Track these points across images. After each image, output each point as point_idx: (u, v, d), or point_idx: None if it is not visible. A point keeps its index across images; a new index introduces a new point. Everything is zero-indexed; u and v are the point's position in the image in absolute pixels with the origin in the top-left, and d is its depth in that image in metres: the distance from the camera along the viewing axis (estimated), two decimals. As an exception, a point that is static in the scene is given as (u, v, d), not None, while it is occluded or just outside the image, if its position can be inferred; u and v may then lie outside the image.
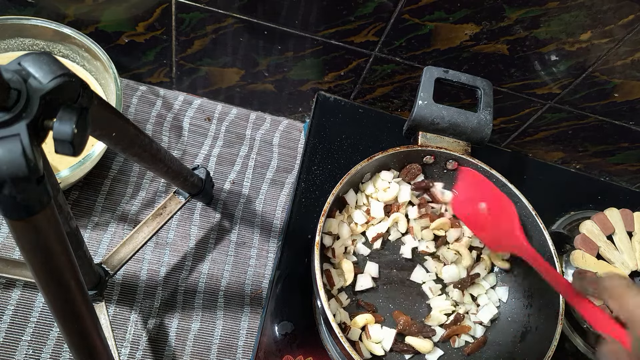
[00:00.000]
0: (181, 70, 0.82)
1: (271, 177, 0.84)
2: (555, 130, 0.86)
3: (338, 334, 0.55)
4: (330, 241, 0.67)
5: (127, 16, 0.72)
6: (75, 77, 0.32)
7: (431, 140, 0.70)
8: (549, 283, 0.55)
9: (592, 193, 0.89)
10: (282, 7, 0.68)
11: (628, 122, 0.81)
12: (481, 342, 0.68)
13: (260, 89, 0.84)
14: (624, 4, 0.63)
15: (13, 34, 0.70)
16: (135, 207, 0.76)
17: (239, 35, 0.74)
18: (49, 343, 0.65)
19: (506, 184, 0.69)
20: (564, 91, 0.77)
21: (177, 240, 0.75)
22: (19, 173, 0.29)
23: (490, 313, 0.69)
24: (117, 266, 0.62)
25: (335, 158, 0.80)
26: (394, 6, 0.67)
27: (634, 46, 0.68)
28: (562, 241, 0.78)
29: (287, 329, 0.66)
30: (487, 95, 0.70)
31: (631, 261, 0.76)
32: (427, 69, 0.69)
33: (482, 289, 0.71)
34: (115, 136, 0.42)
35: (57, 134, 0.31)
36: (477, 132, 0.70)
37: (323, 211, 0.61)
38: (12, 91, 0.29)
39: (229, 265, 0.76)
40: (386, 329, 0.65)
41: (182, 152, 0.82)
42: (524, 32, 0.69)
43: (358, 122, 0.84)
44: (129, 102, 0.83)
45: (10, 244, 0.69)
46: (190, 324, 0.71)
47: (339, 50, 0.75)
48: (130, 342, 0.68)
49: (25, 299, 0.66)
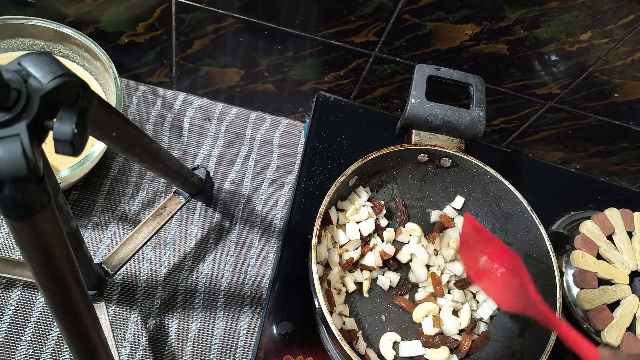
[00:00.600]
0: (181, 70, 0.82)
1: (271, 177, 0.84)
2: (555, 130, 0.86)
3: (337, 336, 0.55)
4: (321, 271, 0.65)
5: (127, 16, 0.72)
6: (75, 77, 0.32)
7: (425, 139, 0.70)
8: (571, 348, 0.52)
9: (592, 193, 0.89)
10: (282, 7, 0.68)
11: (628, 122, 0.81)
12: (484, 337, 0.68)
13: (260, 89, 0.84)
14: (624, 4, 0.63)
15: (13, 34, 0.70)
16: (135, 207, 0.76)
17: (239, 35, 0.74)
18: (49, 343, 0.65)
19: (501, 180, 0.69)
20: (564, 91, 0.77)
21: (177, 240, 0.75)
22: (19, 173, 0.29)
23: (490, 309, 0.69)
24: (117, 266, 0.62)
25: (335, 158, 0.80)
26: (394, 6, 0.67)
27: (634, 46, 0.68)
28: (562, 241, 0.78)
29: (287, 329, 0.66)
30: (480, 92, 0.70)
31: (631, 261, 0.76)
32: (418, 67, 0.69)
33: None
34: (115, 136, 0.42)
35: (57, 134, 0.30)
36: (471, 129, 0.70)
37: (319, 214, 0.61)
38: (12, 91, 0.29)
39: (229, 265, 0.76)
40: (410, 342, 0.67)
41: (182, 152, 0.82)
42: (524, 32, 0.69)
43: (358, 122, 0.84)
44: (129, 102, 0.83)
45: (10, 244, 0.69)
46: (190, 324, 0.71)
47: (339, 50, 0.75)
48: (130, 342, 0.68)
49: (25, 299, 0.67)
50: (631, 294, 0.74)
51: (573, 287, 0.74)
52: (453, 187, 0.74)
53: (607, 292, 0.73)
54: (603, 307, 0.72)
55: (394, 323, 0.68)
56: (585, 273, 0.73)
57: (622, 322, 0.72)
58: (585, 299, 0.72)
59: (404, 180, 0.74)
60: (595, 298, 0.72)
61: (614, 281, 0.74)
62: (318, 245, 0.62)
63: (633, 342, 0.71)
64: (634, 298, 0.74)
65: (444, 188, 0.75)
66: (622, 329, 0.71)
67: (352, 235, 0.68)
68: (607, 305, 0.72)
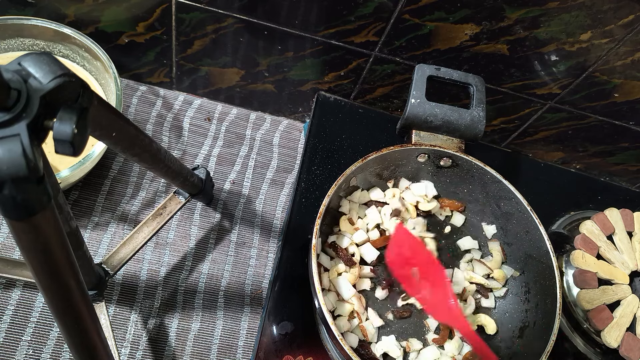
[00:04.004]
0: (181, 70, 0.82)
1: (271, 177, 0.84)
2: (555, 130, 0.86)
3: (337, 336, 0.55)
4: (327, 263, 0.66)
5: (127, 16, 0.72)
6: (75, 77, 0.32)
7: (425, 139, 0.70)
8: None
9: (592, 193, 0.89)
10: (282, 7, 0.68)
11: (628, 122, 0.81)
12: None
13: (260, 89, 0.84)
14: (624, 4, 0.63)
15: (13, 34, 0.70)
16: (135, 207, 0.76)
17: (239, 35, 0.74)
18: (49, 343, 0.65)
19: (501, 180, 0.69)
20: (564, 91, 0.77)
21: (177, 240, 0.75)
22: (19, 173, 0.29)
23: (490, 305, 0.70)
24: (117, 266, 0.62)
25: (335, 158, 0.80)
26: (394, 6, 0.67)
27: (634, 46, 0.68)
28: (562, 241, 0.78)
29: (287, 329, 0.66)
30: (480, 92, 0.70)
31: (631, 261, 0.76)
32: (418, 67, 0.69)
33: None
34: (115, 136, 0.42)
35: (57, 134, 0.30)
36: (471, 129, 0.70)
37: (319, 213, 0.61)
38: (12, 91, 0.29)
39: (229, 265, 0.76)
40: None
41: (182, 152, 0.82)
42: (524, 32, 0.69)
43: (358, 122, 0.84)
44: (129, 102, 0.83)
45: (10, 244, 0.69)
46: (190, 324, 0.71)
47: (339, 50, 0.75)
48: (130, 342, 0.68)
49: (25, 299, 0.66)
50: (631, 294, 0.74)
51: (573, 287, 0.74)
52: (453, 187, 0.74)
53: (607, 292, 0.73)
54: (603, 307, 0.72)
55: (397, 324, 0.68)
56: (585, 273, 0.73)
57: (622, 322, 0.72)
58: (585, 299, 0.72)
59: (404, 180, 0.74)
60: (595, 298, 0.72)
61: (614, 281, 0.74)
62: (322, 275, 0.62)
63: (633, 342, 0.71)
64: (634, 298, 0.74)
65: (444, 188, 0.75)
66: (622, 329, 0.71)
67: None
68: (607, 305, 0.72)
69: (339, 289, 0.64)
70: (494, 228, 0.73)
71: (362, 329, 0.64)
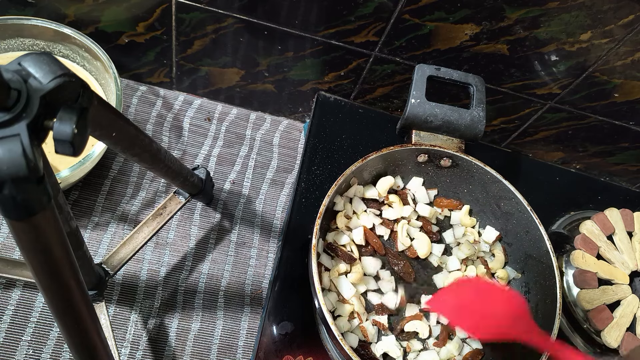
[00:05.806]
0: (181, 70, 0.82)
1: (271, 177, 0.84)
2: (555, 130, 0.86)
3: (337, 336, 0.55)
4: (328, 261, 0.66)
5: (127, 16, 0.72)
6: (75, 77, 0.32)
7: (425, 139, 0.70)
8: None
9: (592, 193, 0.89)
10: (282, 7, 0.68)
11: (628, 122, 0.81)
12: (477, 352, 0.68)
13: (260, 89, 0.84)
14: (624, 4, 0.63)
15: (13, 34, 0.70)
16: (135, 207, 0.76)
17: (239, 35, 0.74)
18: (49, 343, 0.65)
19: (501, 180, 0.69)
20: (564, 91, 0.77)
21: (177, 240, 0.75)
22: (19, 173, 0.29)
23: None
24: (117, 266, 0.62)
25: (335, 158, 0.80)
26: (394, 6, 0.67)
27: (634, 46, 0.68)
28: (562, 241, 0.78)
29: (287, 329, 0.66)
30: (480, 92, 0.70)
31: (631, 261, 0.76)
32: (418, 67, 0.69)
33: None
34: (115, 136, 0.42)
35: (57, 134, 0.30)
36: (471, 129, 0.70)
37: (319, 213, 0.61)
38: (12, 91, 0.29)
39: (229, 265, 0.76)
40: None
41: (182, 152, 0.82)
42: (524, 32, 0.69)
43: (358, 122, 0.84)
44: (129, 102, 0.83)
45: (10, 244, 0.69)
46: (190, 324, 0.71)
47: (339, 50, 0.75)
48: (130, 342, 0.68)
49: (25, 299, 0.66)
50: (631, 294, 0.74)
51: (573, 287, 0.74)
52: (453, 187, 0.74)
53: (607, 292, 0.73)
54: (603, 307, 0.72)
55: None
56: (585, 273, 0.73)
57: (622, 322, 0.72)
58: (585, 299, 0.72)
59: (404, 180, 0.74)
60: (595, 298, 0.72)
61: (614, 281, 0.74)
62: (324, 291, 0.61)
63: (633, 342, 0.71)
64: (634, 298, 0.74)
65: (444, 188, 0.75)
66: (622, 329, 0.71)
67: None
68: (607, 305, 0.72)
69: (340, 288, 0.64)
70: (494, 229, 0.73)
71: (362, 329, 0.64)
